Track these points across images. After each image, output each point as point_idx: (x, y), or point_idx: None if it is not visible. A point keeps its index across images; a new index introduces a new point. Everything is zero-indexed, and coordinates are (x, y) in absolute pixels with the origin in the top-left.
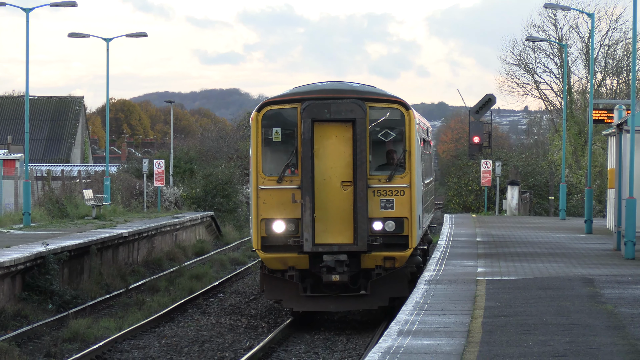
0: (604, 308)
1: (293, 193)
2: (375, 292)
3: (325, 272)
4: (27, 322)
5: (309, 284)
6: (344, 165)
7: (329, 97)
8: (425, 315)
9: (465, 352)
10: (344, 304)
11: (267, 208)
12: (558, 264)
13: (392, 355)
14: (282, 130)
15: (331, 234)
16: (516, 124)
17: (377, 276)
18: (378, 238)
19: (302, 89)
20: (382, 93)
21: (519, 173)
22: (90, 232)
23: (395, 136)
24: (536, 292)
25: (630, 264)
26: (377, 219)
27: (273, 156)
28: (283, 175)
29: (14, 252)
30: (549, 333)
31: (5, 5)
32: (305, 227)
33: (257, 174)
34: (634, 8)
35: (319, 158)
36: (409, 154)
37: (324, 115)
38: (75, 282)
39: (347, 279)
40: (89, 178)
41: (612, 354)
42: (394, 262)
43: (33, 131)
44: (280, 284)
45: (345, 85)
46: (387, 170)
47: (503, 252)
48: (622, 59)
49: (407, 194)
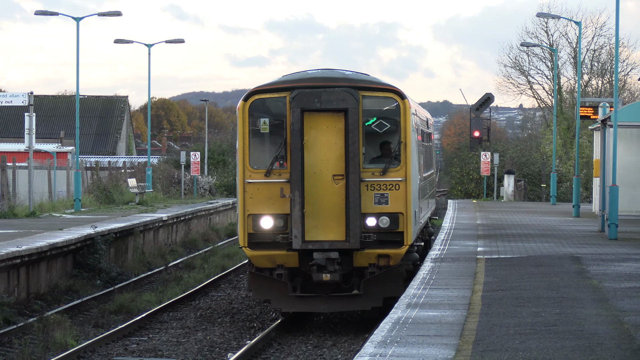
0: (590, 283)
1: (282, 187)
2: (368, 291)
3: (315, 270)
4: (77, 296)
5: (299, 283)
6: (335, 158)
7: (320, 85)
8: (431, 290)
9: (466, 323)
10: (335, 305)
11: (255, 203)
12: (549, 243)
13: (402, 325)
14: (270, 120)
15: (322, 231)
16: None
17: (371, 275)
18: (371, 235)
19: (292, 77)
20: (375, 81)
21: (515, 163)
22: (134, 216)
23: (390, 127)
24: (529, 269)
25: (613, 244)
26: (371, 215)
27: (260, 148)
28: (271, 168)
29: (66, 234)
30: (540, 305)
31: (58, 14)
32: (295, 223)
33: (244, 167)
34: (617, 17)
35: (309, 150)
36: (404, 146)
37: (314, 105)
38: (120, 261)
39: (339, 278)
40: (132, 168)
41: (596, 324)
42: (388, 260)
43: (83, 127)
44: (268, 283)
45: (337, 72)
46: (381, 163)
47: (500, 233)
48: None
49: (403, 188)
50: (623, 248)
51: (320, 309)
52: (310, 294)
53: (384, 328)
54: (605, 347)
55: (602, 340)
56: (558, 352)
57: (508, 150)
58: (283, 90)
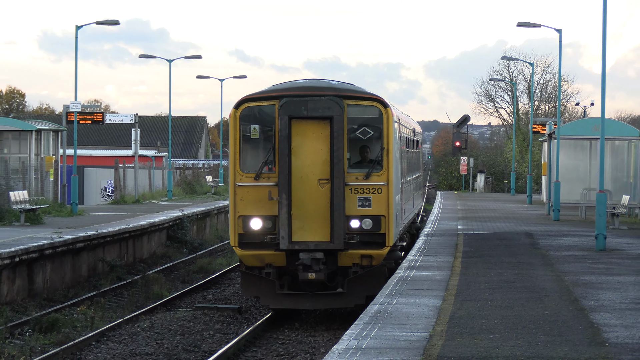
0: (540, 252)
1: (270, 190)
2: (351, 290)
3: (301, 269)
4: (169, 261)
5: (287, 282)
6: (321, 163)
7: (307, 94)
8: (425, 256)
9: (450, 280)
10: (320, 302)
11: (245, 205)
12: (510, 223)
13: (404, 282)
14: (260, 127)
15: (308, 232)
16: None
17: (354, 274)
18: (355, 236)
19: (281, 86)
20: (360, 91)
21: (485, 165)
22: (210, 203)
23: (373, 134)
24: (496, 242)
25: (556, 224)
26: (354, 217)
27: (251, 153)
28: (260, 172)
29: (162, 215)
30: (503, 267)
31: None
32: (282, 224)
33: (235, 171)
34: (559, 59)
35: (296, 155)
36: (386, 152)
37: (301, 113)
38: (200, 235)
39: (324, 277)
40: (209, 168)
41: (544, 281)
42: (371, 260)
43: (174, 138)
44: (257, 281)
45: (324, 82)
46: (364, 168)
47: (474, 216)
48: (551, 92)
49: (385, 191)
50: (563, 227)
51: (306, 306)
52: (297, 292)
53: (390, 284)
54: (551, 298)
55: (548, 293)
56: (516, 301)
57: (480, 155)
58: (272, 99)
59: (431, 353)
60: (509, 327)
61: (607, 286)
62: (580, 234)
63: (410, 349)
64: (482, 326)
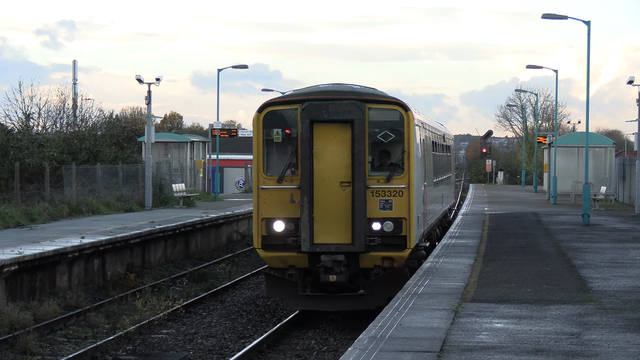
0: (543, 226)
1: (292, 193)
2: (373, 292)
3: (322, 272)
4: None
5: (309, 283)
6: (342, 166)
7: (329, 98)
8: (462, 229)
9: (479, 246)
10: (341, 304)
11: (268, 207)
12: (521, 206)
13: (447, 247)
14: (282, 130)
15: (329, 234)
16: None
17: (375, 276)
18: (376, 238)
19: (303, 90)
20: (381, 94)
21: (503, 165)
22: None
23: (395, 137)
24: (511, 219)
25: (555, 206)
26: (376, 220)
27: (274, 156)
28: (283, 175)
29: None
30: (517, 237)
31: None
32: (303, 226)
33: (259, 174)
34: (556, 91)
35: (318, 158)
36: (407, 155)
37: (323, 116)
38: None
39: (345, 279)
40: None
41: (546, 247)
42: (392, 262)
43: None
44: (280, 282)
45: (346, 87)
46: (386, 171)
47: (496, 200)
48: (550, 114)
49: (406, 194)
50: (559, 208)
51: (327, 308)
52: (319, 293)
53: (437, 249)
54: (551, 258)
55: (549, 255)
56: (527, 260)
57: (500, 158)
58: (294, 103)
59: (467, 297)
60: (521, 279)
61: (591, 250)
62: (571, 214)
63: (452, 294)
64: (502, 278)
